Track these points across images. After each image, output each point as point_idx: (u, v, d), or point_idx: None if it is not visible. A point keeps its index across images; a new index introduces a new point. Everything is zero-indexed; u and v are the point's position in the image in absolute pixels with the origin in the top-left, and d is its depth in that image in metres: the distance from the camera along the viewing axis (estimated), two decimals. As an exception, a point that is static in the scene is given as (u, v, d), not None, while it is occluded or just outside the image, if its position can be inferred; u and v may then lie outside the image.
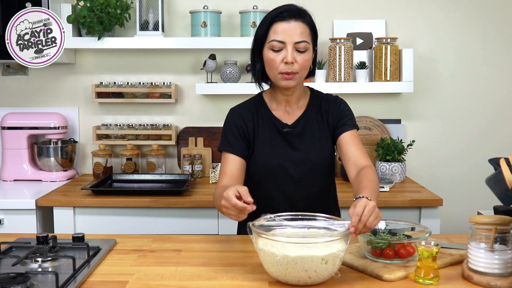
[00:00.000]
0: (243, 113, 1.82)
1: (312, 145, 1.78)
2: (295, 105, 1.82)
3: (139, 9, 2.83)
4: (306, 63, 1.71)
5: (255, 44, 1.75)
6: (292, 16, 1.68)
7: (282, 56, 1.67)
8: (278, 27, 1.68)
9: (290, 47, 1.67)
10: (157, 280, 1.40)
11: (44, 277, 1.41)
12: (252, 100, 1.87)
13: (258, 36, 1.73)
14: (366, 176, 1.63)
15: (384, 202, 2.44)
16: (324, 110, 1.82)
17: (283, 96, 1.80)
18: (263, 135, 1.79)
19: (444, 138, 3.08)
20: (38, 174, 2.89)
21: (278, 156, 1.77)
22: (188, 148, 3.00)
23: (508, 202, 1.30)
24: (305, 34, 1.69)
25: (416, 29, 3.03)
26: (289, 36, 1.66)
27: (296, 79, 1.71)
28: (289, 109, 1.82)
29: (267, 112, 1.82)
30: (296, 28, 1.67)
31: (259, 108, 1.83)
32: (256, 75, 1.79)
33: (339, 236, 1.35)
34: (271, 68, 1.71)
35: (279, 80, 1.71)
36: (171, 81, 3.02)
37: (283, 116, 1.81)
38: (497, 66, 3.05)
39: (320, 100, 1.84)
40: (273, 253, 1.32)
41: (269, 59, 1.70)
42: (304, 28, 1.69)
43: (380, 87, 2.87)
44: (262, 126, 1.80)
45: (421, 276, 1.36)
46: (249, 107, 1.84)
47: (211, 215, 2.48)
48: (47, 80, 3.06)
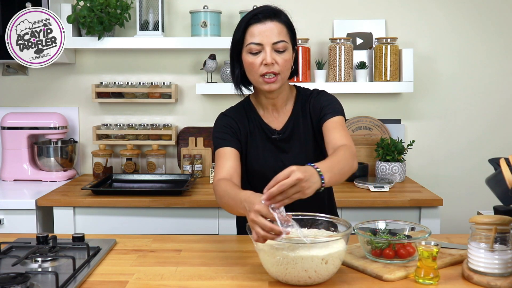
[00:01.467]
0: (235, 116, 1.79)
1: (300, 149, 1.76)
2: (282, 109, 1.79)
3: (139, 9, 2.83)
4: (287, 63, 1.67)
5: (233, 49, 1.72)
6: (267, 17, 1.65)
7: (261, 58, 1.64)
8: (254, 29, 1.65)
9: (268, 48, 1.64)
10: (157, 280, 1.40)
11: (44, 277, 1.41)
12: (240, 104, 1.85)
13: (235, 40, 1.70)
14: (336, 151, 1.56)
15: (384, 202, 2.44)
16: (309, 108, 1.78)
17: (268, 100, 1.76)
18: (255, 141, 1.78)
19: (444, 138, 3.08)
20: (38, 174, 2.89)
21: (270, 161, 1.76)
22: (188, 148, 3.00)
23: (508, 202, 1.30)
24: (282, 33, 1.66)
25: (416, 29, 3.03)
26: (266, 37, 1.64)
27: (279, 81, 1.67)
28: (276, 114, 1.79)
29: (257, 117, 1.79)
30: (273, 28, 1.64)
31: (249, 112, 1.81)
32: (235, 80, 1.76)
33: (339, 236, 1.35)
34: (251, 72, 1.68)
35: (260, 84, 1.67)
36: (171, 81, 3.02)
37: (271, 121, 1.79)
38: (497, 66, 3.05)
39: (305, 98, 1.80)
40: (273, 253, 1.32)
41: (248, 63, 1.66)
42: (281, 27, 1.66)
43: (380, 87, 2.87)
44: (254, 132, 1.78)
45: (421, 276, 1.36)
46: (239, 111, 1.81)
47: (211, 215, 2.48)
48: (47, 80, 3.06)
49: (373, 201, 2.44)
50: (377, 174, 2.82)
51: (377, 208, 2.45)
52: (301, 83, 2.71)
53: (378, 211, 2.45)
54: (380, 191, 2.57)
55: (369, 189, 2.59)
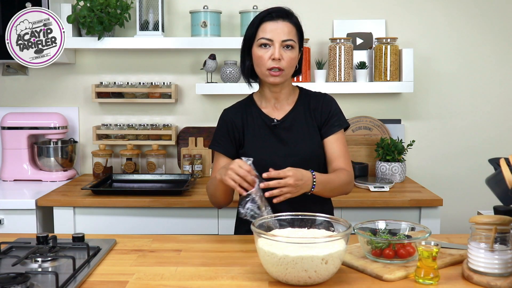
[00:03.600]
0: (232, 113, 1.92)
1: (301, 138, 1.85)
2: (284, 101, 1.90)
3: (139, 9, 2.83)
4: (293, 61, 1.80)
5: (245, 43, 1.85)
6: (280, 17, 1.79)
7: (270, 53, 1.77)
8: (266, 26, 1.78)
9: (278, 45, 1.76)
10: (157, 280, 1.40)
11: (44, 277, 1.41)
12: (242, 101, 1.97)
13: (248, 35, 1.83)
14: (339, 174, 1.80)
15: (384, 202, 2.44)
16: (313, 108, 1.89)
17: (272, 93, 1.88)
18: (252, 130, 1.87)
19: (444, 138, 3.08)
20: (38, 174, 2.89)
21: (267, 150, 1.84)
22: (188, 148, 3.00)
23: (508, 202, 1.30)
24: (291, 33, 1.79)
25: (416, 29, 3.03)
26: (276, 34, 1.77)
27: (283, 76, 1.80)
28: (278, 106, 1.89)
29: (256, 110, 1.90)
30: (284, 27, 1.78)
31: (249, 107, 1.92)
32: (245, 72, 1.88)
33: (339, 236, 1.35)
34: (259, 65, 1.80)
35: (266, 76, 1.80)
36: (171, 81, 3.02)
37: (272, 112, 1.89)
38: (497, 65, 3.05)
39: (309, 97, 1.92)
40: (273, 253, 1.32)
41: (258, 56, 1.79)
42: (291, 28, 1.80)
43: (380, 87, 2.87)
44: (252, 123, 1.88)
45: (421, 276, 1.36)
46: (238, 107, 1.94)
47: (211, 215, 2.48)
48: (47, 80, 3.06)
49: (373, 201, 2.44)
50: (377, 174, 2.82)
51: (377, 208, 2.45)
52: (301, 83, 2.72)
53: (378, 211, 2.45)
54: (380, 191, 2.57)
55: (369, 189, 2.59)
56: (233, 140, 1.89)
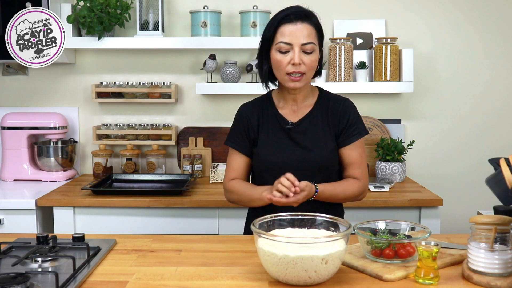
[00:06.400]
0: (249, 110, 1.88)
1: (315, 143, 1.81)
2: (302, 103, 1.85)
3: (139, 9, 2.83)
4: (313, 64, 1.75)
5: (262, 46, 1.79)
6: (298, 18, 1.72)
7: (289, 58, 1.71)
8: (285, 29, 1.72)
9: (297, 49, 1.71)
10: (157, 280, 1.40)
11: (44, 277, 1.41)
12: (261, 98, 1.92)
13: (266, 38, 1.77)
14: (345, 181, 1.82)
15: (384, 202, 2.44)
16: (331, 111, 1.84)
17: (290, 95, 1.84)
18: (267, 131, 1.83)
19: (444, 138, 3.08)
20: (38, 174, 2.89)
21: (280, 152, 1.80)
22: (188, 148, 3.00)
23: (508, 202, 1.30)
24: (311, 35, 1.73)
25: (416, 29, 3.03)
26: (296, 38, 1.70)
27: (303, 80, 1.75)
28: (295, 108, 1.85)
29: (273, 110, 1.86)
30: (303, 30, 1.71)
31: (266, 105, 1.87)
32: (263, 76, 1.83)
33: (339, 236, 1.35)
34: (278, 70, 1.75)
35: (286, 81, 1.75)
36: (171, 81, 3.02)
37: (289, 114, 1.84)
38: (497, 66, 3.05)
39: (328, 100, 1.87)
40: (273, 253, 1.32)
41: (277, 60, 1.74)
42: (311, 29, 1.73)
43: (380, 87, 2.87)
44: (267, 123, 1.84)
45: (421, 276, 1.36)
46: (256, 105, 1.89)
47: (211, 215, 2.48)
48: (47, 80, 3.06)
49: (373, 201, 2.44)
50: (377, 174, 2.82)
51: (377, 208, 2.45)
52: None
53: (378, 211, 2.45)
54: (380, 191, 2.57)
55: (369, 189, 2.59)
56: (249, 138, 1.86)
